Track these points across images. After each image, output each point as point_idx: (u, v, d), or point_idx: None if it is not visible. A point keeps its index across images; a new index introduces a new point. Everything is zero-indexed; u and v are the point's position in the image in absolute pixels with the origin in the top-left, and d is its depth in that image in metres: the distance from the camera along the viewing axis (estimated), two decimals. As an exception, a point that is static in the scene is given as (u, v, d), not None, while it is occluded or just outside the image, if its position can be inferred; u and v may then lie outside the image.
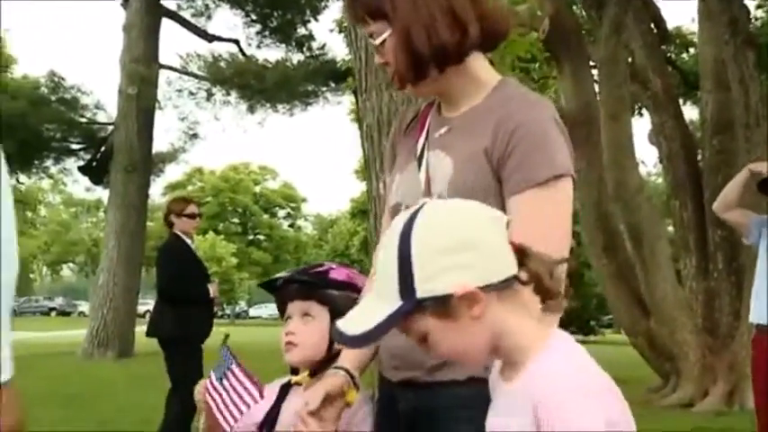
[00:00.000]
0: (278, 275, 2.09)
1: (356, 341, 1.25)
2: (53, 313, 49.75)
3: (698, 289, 9.76)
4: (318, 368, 1.94)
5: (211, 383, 1.96)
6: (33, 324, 28.52)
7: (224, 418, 1.90)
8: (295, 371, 1.99)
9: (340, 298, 1.95)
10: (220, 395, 1.92)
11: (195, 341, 5.53)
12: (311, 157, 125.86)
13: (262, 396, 1.90)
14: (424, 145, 1.79)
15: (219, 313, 50.18)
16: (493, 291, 1.21)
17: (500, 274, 1.21)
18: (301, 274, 2.04)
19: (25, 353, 13.07)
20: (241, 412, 1.88)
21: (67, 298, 57.11)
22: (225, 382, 1.92)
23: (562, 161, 1.64)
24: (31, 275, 63.50)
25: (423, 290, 1.20)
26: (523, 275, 1.23)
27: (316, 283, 1.99)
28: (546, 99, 1.77)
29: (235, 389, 1.90)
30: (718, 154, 9.64)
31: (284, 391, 1.99)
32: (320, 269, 2.03)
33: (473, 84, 1.75)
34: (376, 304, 1.25)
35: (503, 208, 1.63)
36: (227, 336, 2.05)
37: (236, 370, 1.91)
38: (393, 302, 1.22)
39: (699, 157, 10.42)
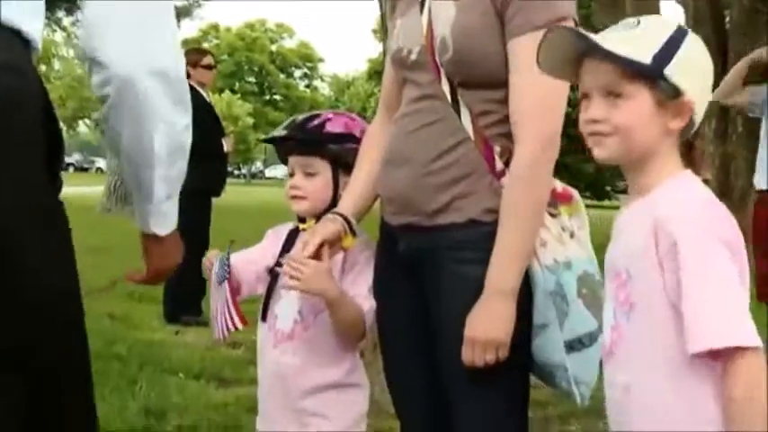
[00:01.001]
0: (276, 132, 2.09)
1: (600, 49, 1.31)
2: (71, 169, 50.35)
3: (715, 153, 9.71)
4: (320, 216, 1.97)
5: (214, 279, 2.02)
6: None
7: (215, 325, 2.00)
8: (302, 219, 2.03)
9: (338, 151, 1.97)
10: (216, 302, 2.00)
11: (208, 195, 5.63)
12: (329, 15, 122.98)
13: (244, 323, 1.96)
14: None
15: (236, 173, 50.69)
16: (687, 126, 1.33)
17: (700, 118, 1.35)
18: (298, 129, 2.02)
19: (47, 207, 13.35)
20: (228, 330, 1.96)
21: (84, 154, 57.61)
22: (221, 292, 1.98)
23: (563, 5, 1.64)
24: (49, 131, 63.47)
25: (672, 71, 1.30)
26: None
27: (313, 140, 1.99)
28: None
29: (224, 308, 1.98)
30: (748, 13, 9.33)
31: (292, 237, 2.03)
32: (317, 122, 2.01)
33: None
34: (630, 42, 1.31)
35: (505, 51, 1.65)
36: (232, 241, 2.05)
37: (228, 294, 1.96)
38: (643, 56, 1.30)
39: (726, 20, 10.12)
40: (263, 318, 2.02)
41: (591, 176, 27.30)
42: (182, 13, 21.22)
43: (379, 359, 1.98)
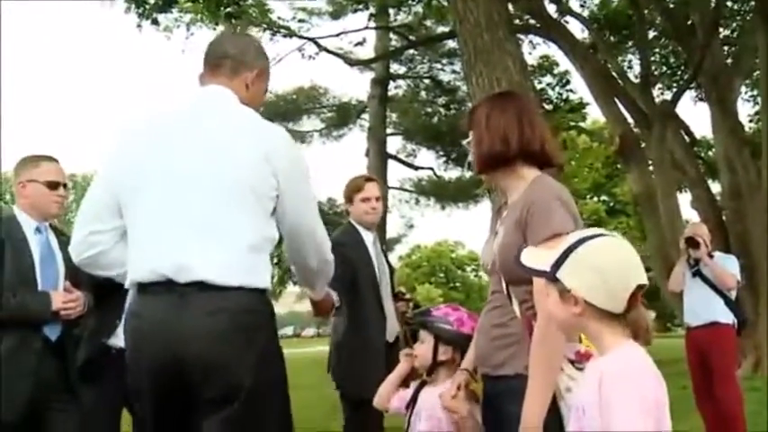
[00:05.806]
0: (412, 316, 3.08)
1: (520, 266, 1.73)
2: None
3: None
4: (429, 371, 2.81)
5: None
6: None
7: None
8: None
9: (436, 328, 2.77)
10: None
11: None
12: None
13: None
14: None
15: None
16: (593, 309, 1.64)
17: (605, 304, 1.64)
18: (419, 314, 2.95)
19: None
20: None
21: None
22: None
23: (559, 224, 2.11)
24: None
25: (561, 274, 1.66)
26: (626, 317, 1.65)
27: (422, 319, 2.86)
28: (556, 185, 2.28)
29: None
30: (734, 213, 12.96)
31: (420, 386, 2.87)
32: (431, 309, 2.87)
33: (520, 182, 2.32)
34: (543, 258, 1.71)
35: None
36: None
37: None
38: (546, 265, 1.68)
39: (723, 217, 13.46)
40: None
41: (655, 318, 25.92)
42: (396, 240, 25.58)
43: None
